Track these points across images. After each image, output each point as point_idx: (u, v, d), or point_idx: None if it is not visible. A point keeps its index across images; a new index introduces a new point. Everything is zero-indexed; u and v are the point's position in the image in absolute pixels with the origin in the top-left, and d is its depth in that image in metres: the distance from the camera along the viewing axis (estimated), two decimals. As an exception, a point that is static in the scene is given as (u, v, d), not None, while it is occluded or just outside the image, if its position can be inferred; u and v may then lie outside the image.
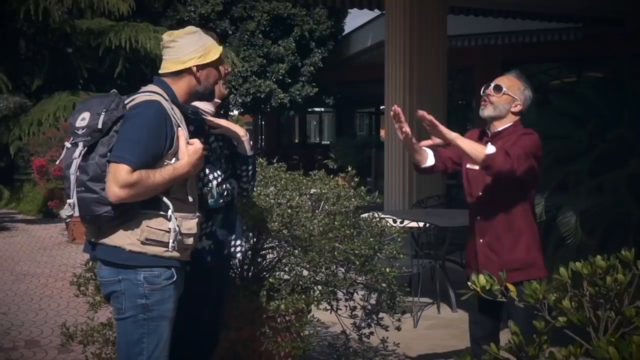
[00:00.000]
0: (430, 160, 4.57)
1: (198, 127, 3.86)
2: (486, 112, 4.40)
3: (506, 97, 4.35)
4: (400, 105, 9.85)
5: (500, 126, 4.39)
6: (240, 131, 4.08)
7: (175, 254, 3.50)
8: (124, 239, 3.42)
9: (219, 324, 4.31)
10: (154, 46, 18.98)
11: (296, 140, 29.91)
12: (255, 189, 4.39)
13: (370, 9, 13.02)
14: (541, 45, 16.30)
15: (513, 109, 4.36)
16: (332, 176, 5.61)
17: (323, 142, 29.88)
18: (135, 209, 3.39)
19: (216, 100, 4.06)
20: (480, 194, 4.43)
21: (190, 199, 3.54)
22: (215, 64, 3.69)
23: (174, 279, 3.53)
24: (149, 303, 3.47)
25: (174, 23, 20.48)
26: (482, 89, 4.43)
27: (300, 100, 21.58)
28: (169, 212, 3.41)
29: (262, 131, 30.01)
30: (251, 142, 4.16)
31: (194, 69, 3.60)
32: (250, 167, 4.14)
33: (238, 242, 4.10)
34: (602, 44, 14.43)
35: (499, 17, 14.22)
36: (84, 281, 5.08)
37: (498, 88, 4.36)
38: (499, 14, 14.03)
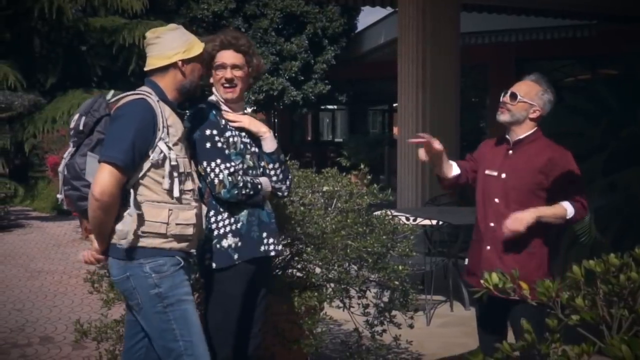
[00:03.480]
0: (455, 170, 4.55)
1: (203, 120, 3.90)
2: (502, 117, 4.36)
3: (522, 104, 4.30)
4: (413, 103, 9.92)
5: (521, 133, 4.34)
6: (262, 128, 4.08)
7: (175, 244, 3.58)
8: (117, 234, 3.53)
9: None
10: (167, 44, 18.99)
11: (309, 138, 29.89)
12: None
13: (382, 6, 12.99)
14: (555, 42, 16.24)
15: (531, 115, 4.31)
16: (344, 174, 5.62)
17: (336, 140, 29.82)
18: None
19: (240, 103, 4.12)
20: (497, 201, 4.38)
21: (168, 188, 3.56)
22: (199, 59, 3.75)
23: (181, 264, 3.61)
24: (162, 291, 3.54)
25: (187, 21, 20.51)
26: (502, 95, 4.39)
27: (313, 97, 21.57)
28: (126, 212, 3.48)
29: (275, 129, 29.99)
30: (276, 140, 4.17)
31: (180, 63, 3.66)
32: (277, 166, 4.12)
33: (271, 241, 4.06)
34: (616, 42, 14.37)
35: (512, 14, 14.16)
36: (98, 278, 5.10)
37: (513, 96, 4.31)
38: (512, 11, 13.97)
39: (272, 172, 4.10)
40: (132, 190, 3.48)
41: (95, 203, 3.40)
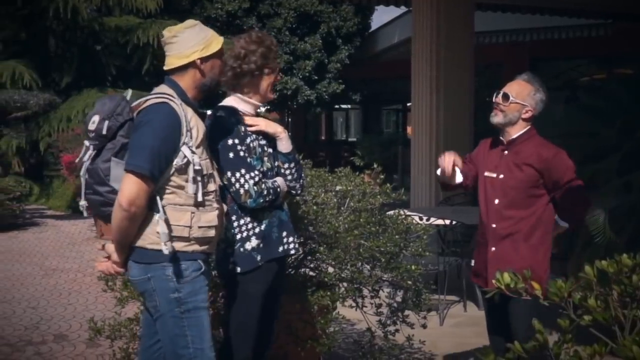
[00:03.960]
0: (459, 177, 4.57)
1: (225, 128, 3.88)
2: (495, 119, 4.41)
3: (515, 105, 4.33)
4: (427, 102, 9.91)
5: (513, 133, 4.39)
6: (278, 129, 4.08)
7: (198, 247, 3.54)
8: (145, 239, 3.49)
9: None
10: (182, 43, 19.05)
11: (322, 137, 29.90)
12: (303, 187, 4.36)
13: (396, 5, 12.99)
14: (570, 41, 16.19)
15: (524, 116, 4.35)
16: (358, 173, 5.61)
17: (349, 139, 29.84)
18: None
19: (256, 103, 4.07)
20: (497, 201, 4.40)
21: (192, 193, 3.50)
22: (218, 55, 3.69)
23: (202, 269, 3.57)
24: (181, 296, 3.50)
25: (201, 20, 20.49)
26: (494, 95, 4.42)
27: (326, 97, 21.57)
28: (156, 216, 3.43)
29: (289, 128, 29.98)
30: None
31: (198, 61, 3.60)
32: (292, 165, 4.13)
33: (290, 239, 4.07)
34: (632, 41, 14.29)
35: (527, 14, 14.12)
36: (112, 277, 5.11)
37: (506, 96, 4.35)
38: (526, 10, 13.93)
39: (288, 172, 4.10)
40: (157, 195, 3.44)
41: (123, 213, 3.36)
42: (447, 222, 7.14)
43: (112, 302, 5.41)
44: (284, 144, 4.09)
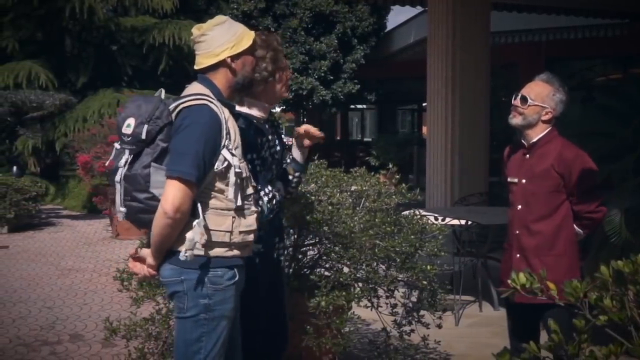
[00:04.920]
0: None
1: (252, 141, 3.82)
2: (514, 121, 4.32)
3: (534, 107, 4.24)
4: (443, 102, 9.90)
5: (534, 136, 4.29)
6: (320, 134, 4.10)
7: (237, 252, 3.48)
8: (186, 245, 3.37)
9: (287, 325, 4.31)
10: (197, 43, 19.13)
11: (338, 138, 29.89)
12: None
13: (412, 5, 12.98)
14: (585, 41, 16.13)
15: (543, 118, 4.26)
16: (373, 173, 5.61)
17: (365, 139, 29.84)
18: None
19: (266, 105, 4.01)
20: (520, 207, 4.35)
21: (233, 197, 3.42)
22: (249, 51, 3.60)
23: (236, 279, 3.49)
24: (211, 303, 3.43)
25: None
26: (513, 97, 4.34)
27: (342, 97, 21.56)
28: (194, 222, 3.32)
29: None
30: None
31: (229, 60, 3.51)
32: (302, 175, 4.16)
33: (282, 245, 4.11)
34: (649, 41, 14.25)
35: (542, 13, 14.08)
36: (127, 276, 5.13)
37: (524, 99, 4.26)
38: (542, 10, 13.89)
39: (295, 180, 4.13)
40: (197, 201, 3.36)
41: (167, 221, 3.26)
42: (463, 222, 7.13)
43: (128, 302, 5.42)
44: (300, 154, 4.11)
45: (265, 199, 3.83)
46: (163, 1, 19.13)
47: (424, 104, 18.41)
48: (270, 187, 3.89)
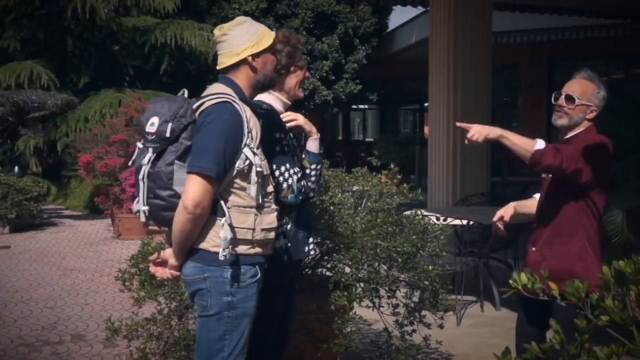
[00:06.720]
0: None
1: (272, 121, 3.85)
2: (560, 121, 4.16)
3: (580, 107, 4.09)
4: (444, 102, 9.88)
5: (572, 133, 4.17)
6: (314, 128, 4.08)
7: (259, 250, 3.51)
8: (208, 242, 3.42)
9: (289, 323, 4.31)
10: (199, 43, 19.20)
11: (339, 138, 29.91)
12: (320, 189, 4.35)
13: (414, 5, 12.99)
14: (588, 41, 16.12)
15: (588, 116, 4.13)
16: (375, 173, 5.60)
17: (366, 139, 29.85)
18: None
19: (286, 101, 4.05)
20: (542, 201, 4.29)
21: (255, 195, 3.46)
22: (270, 50, 3.63)
23: (258, 276, 3.53)
24: (234, 300, 3.46)
25: (219, 20, 20.58)
26: (553, 96, 4.20)
27: (343, 97, 21.56)
28: (222, 220, 3.36)
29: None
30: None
31: (250, 59, 3.54)
32: (319, 166, 4.13)
33: (310, 240, 4.08)
34: (651, 41, 14.23)
35: (545, 13, 14.07)
36: (129, 276, 5.14)
37: (570, 99, 4.09)
38: (544, 10, 13.89)
39: (313, 172, 4.07)
40: (220, 199, 3.39)
41: (187, 216, 3.29)
42: (465, 222, 7.12)
43: (130, 302, 5.43)
44: (317, 144, 4.08)
45: (295, 177, 3.82)
46: (165, 1, 19.14)
47: (425, 104, 18.44)
48: (298, 169, 3.87)
